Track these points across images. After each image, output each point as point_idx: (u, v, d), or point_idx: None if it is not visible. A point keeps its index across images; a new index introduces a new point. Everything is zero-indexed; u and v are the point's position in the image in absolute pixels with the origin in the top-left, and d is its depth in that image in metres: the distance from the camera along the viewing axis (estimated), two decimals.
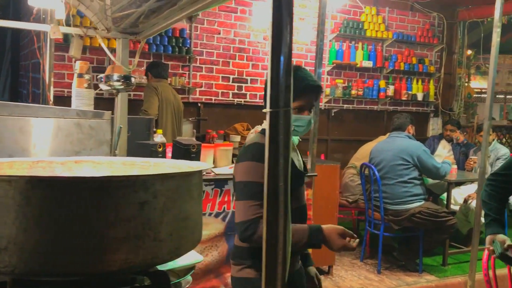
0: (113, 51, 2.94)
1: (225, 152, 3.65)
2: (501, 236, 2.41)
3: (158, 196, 1.17)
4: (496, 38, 4.19)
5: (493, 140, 5.68)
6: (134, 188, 1.13)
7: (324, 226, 1.85)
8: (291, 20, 1.16)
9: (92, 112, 2.02)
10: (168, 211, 1.19)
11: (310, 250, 2.33)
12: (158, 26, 2.39)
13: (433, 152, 6.06)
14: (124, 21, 2.54)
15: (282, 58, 1.15)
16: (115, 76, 1.86)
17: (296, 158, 2.04)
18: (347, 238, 1.84)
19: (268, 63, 1.17)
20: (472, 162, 5.66)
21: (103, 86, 1.91)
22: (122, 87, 1.89)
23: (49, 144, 2.08)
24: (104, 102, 4.20)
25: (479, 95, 9.49)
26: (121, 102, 2.58)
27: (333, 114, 6.90)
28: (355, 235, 1.87)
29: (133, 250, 1.12)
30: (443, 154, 6.05)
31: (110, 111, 2.00)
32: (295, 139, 2.05)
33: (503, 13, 7.08)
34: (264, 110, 1.16)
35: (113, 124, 1.96)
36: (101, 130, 1.94)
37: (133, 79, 1.94)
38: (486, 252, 2.56)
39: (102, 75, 1.88)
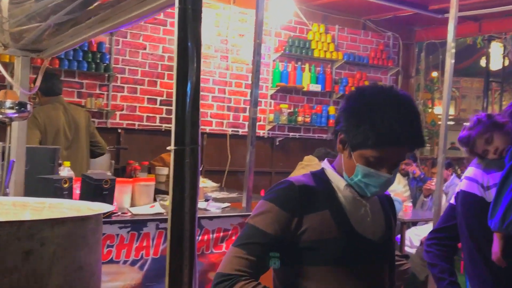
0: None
1: (145, 188, 3.67)
2: None
3: (47, 244, 1.21)
4: (450, 61, 4.50)
5: (451, 175, 6.02)
6: (17, 235, 1.17)
7: None
8: (199, 49, 1.27)
9: None
10: (58, 260, 1.24)
11: None
12: (64, 44, 2.43)
13: None
14: (24, 37, 2.56)
15: (188, 89, 1.25)
16: (8, 103, 1.88)
17: (369, 222, 1.70)
18: None
19: (173, 96, 1.26)
20: (433, 183, 5.88)
21: None
22: (16, 115, 1.91)
23: None
24: None
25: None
26: (18, 131, 2.58)
27: (277, 143, 7.08)
28: None
29: None
30: (398, 190, 6.32)
31: (1, 142, 2.01)
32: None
33: (462, 35, 7.52)
34: (168, 148, 1.25)
35: (4, 157, 1.97)
36: None
37: (29, 106, 1.97)
38: None
39: None
